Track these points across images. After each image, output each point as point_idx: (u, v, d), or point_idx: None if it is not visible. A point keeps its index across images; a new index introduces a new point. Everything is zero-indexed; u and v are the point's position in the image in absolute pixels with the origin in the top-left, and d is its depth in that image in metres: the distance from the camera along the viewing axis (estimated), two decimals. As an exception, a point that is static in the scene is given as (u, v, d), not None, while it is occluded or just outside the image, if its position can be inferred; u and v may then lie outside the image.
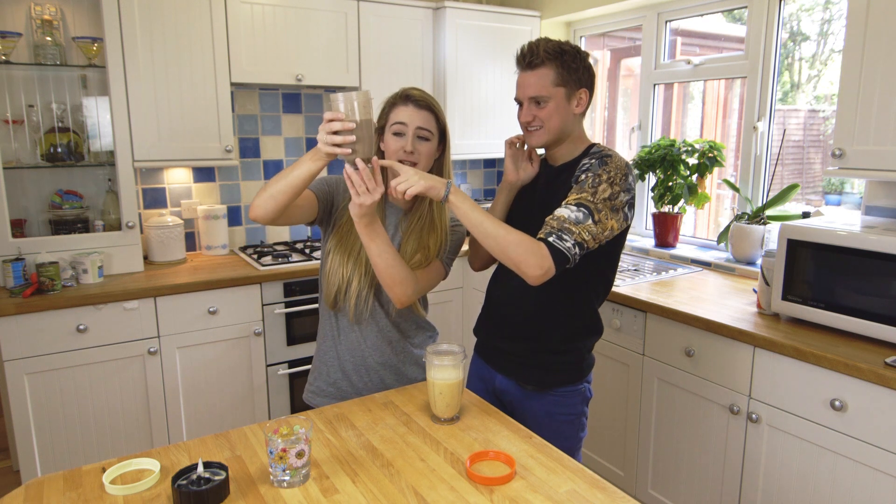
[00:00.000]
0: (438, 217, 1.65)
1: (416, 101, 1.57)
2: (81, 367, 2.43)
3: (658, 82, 3.16)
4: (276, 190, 1.42)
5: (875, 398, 1.68)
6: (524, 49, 1.57)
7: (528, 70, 1.56)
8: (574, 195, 1.49)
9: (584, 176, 1.51)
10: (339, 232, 1.63)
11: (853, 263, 1.86)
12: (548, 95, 1.54)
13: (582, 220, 1.44)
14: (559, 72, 1.54)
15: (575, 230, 1.43)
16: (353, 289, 1.61)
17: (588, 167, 1.53)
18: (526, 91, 1.57)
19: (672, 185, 2.93)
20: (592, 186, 1.48)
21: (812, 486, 1.86)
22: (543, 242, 1.43)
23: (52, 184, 2.75)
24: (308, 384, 1.76)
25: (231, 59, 2.80)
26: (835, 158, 1.99)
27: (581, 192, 1.48)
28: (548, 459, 1.28)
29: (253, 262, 2.89)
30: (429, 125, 1.57)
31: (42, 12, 2.59)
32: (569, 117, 1.58)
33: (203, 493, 1.11)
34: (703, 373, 2.13)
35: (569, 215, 1.45)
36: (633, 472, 2.46)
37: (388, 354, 1.68)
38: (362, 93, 1.35)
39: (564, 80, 1.54)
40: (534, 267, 1.41)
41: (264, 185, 1.44)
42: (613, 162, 1.52)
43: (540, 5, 3.52)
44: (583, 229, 1.44)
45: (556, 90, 1.55)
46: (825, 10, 2.63)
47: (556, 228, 1.44)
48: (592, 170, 1.51)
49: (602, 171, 1.50)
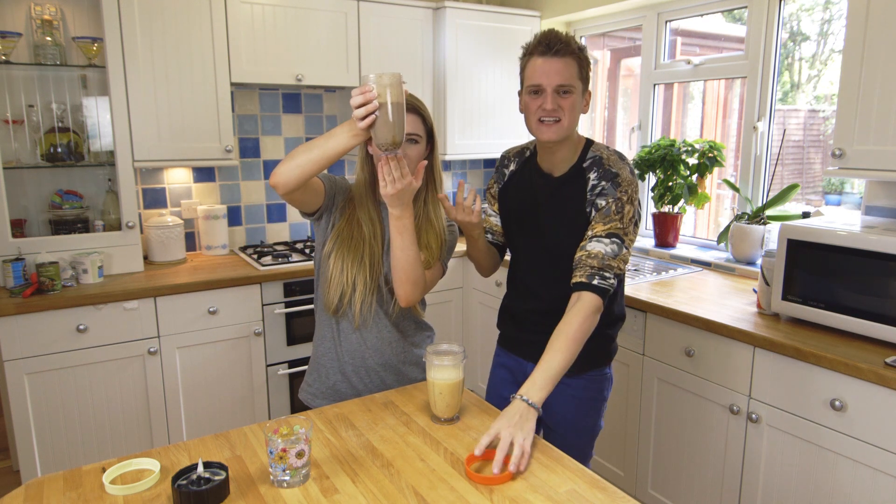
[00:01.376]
0: (435, 215, 1.65)
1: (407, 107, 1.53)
2: (81, 367, 2.43)
3: (658, 82, 3.16)
4: (306, 160, 1.35)
5: (875, 398, 1.68)
6: (546, 35, 1.52)
7: (555, 57, 1.49)
8: (602, 225, 1.51)
9: (604, 202, 1.52)
10: (338, 236, 1.61)
11: (853, 263, 1.86)
12: (573, 86, 1.51)
13: (617, 252, 1.49)
14: (580, 66, 1.52)
15: (614, 264, 1.49)
16: (357, 294, 1.60)
17: (604, 191, 1.53)
18: (552, 78, 1.49)
19: (672, 185, 2.94)
20: (618, 212, 1.51)
21: (812, 486, 1.86)
22: (587, 287, 1.47)
23: (52, 184, 2.75)
24: (307, 384, 1.75)
25: (231, 59, 2.80)
26: (835, 158, 1.99)
27: (610, 221, 1.51)
28: (548, 459, 1.28)
29: (253, 262, 2.89)
30: (416, 129, 1.53)
31: (42, 12, 2.59)
32: (578, 115, 1.56)
33: (203, 493, 1.11)
34: (703, 373, 2.13)
35: (605, 251, 1.49)
36: (633, 472, 2.46)
37: (388, 355, 1.68)
38: (392, 74, 1.27)
39: (583, 77, 1.53)
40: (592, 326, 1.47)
41: (291, 154, 1.37)
42: (624, 179, 1.53)
43: (540, 5, 3.52)
44: (619, 261, 1.50)
45: (578, 84, 1.52)
46: (825, 10, 2.63)
47: (596, 268, 1.48)
48: (610, 194, 1.52)
49: (621, 194, 1.52)
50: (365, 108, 1.26)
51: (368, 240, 1.60)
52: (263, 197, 3.33)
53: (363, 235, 1.60)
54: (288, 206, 3.41)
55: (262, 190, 3.32)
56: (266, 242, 3.35)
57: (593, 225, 1.52)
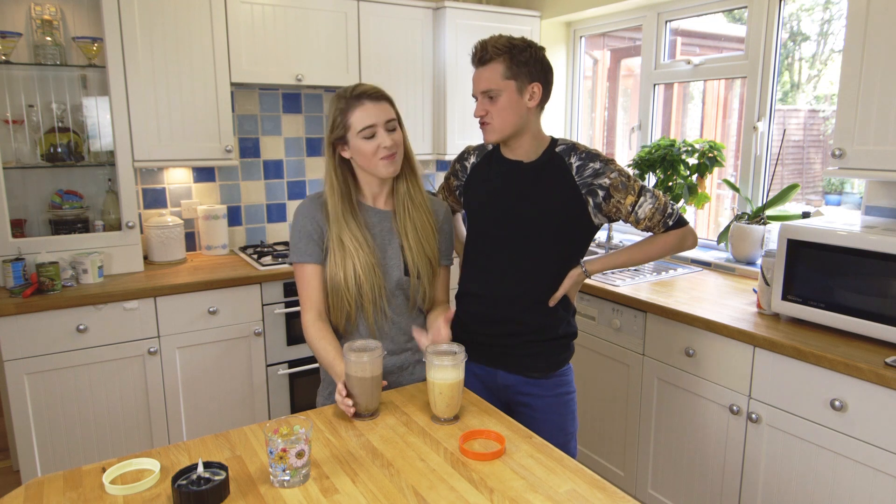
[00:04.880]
0: (427, 215, 1.65)
1: (372, 96, 1.53)
2: (81, 367, 2.43)
3: (658, 82, 3.16)
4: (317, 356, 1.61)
5: (875, 398, 1.68)
6: (476, 47, 1.61)
7: (480, 66, 1.60)
8: (630, 195, 1.63)
9: (608, 180, 1.61)
10: (332, 258, 1.58)
11: (853, 263, 1.86)
12: (499, 89, 1.58)
13: (656, 198, 1.65)
14: (508, 65, 1.57)
15: (662, 203, 1.66)
16: (366, 305, 1.60)
17: (598, 171, 1.62)
18: (478, 86, 1.61)
19: (672, 185, 2.93)
20: (628, 179, 1.63)
21: (812, 486, 1.86)
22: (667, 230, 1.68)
23: (52, 184, 2.75)
24: (322, 392, 1.74)
25: (231, 59, 2.80)
26: (835, 158, 1.99)
27: (631, 191, 1.63)
28: (548, 459, 1.28)
29: (253, 262, 2.89)
30: (391, 114, 1.56)
31: (42, 12, 2.59)
32: (522, 111, 1.60)
33: (203, 493, 1.11)
34: (703, 373, 2.13)
35: (651, 205, 1.64)
36: (633, 472, 2.46)
37: (394, 357, 1.68)
38: (372, 354, 1.41)
39: (514, 74, 1.57)
40: (688, 245, 1.72)
41: (312, 344, 1.62)
42: (605, 158, 1.64)
43: (540, 5, 3.52)
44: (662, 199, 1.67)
45: (507, 83, 1.58)
46: (825, 10, 2.63)
47: (662, 218, 1.66)
48: (607, 171, 1.61)
49: (615, 168, 1.63)
50: (343, 405, 1.41)
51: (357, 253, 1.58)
52: (263, 197, 3.33)
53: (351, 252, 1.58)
54: (288, 206, 3.41)
55: (261, 190, 3.32)
56: (266, 242, 3.35)
57: (623, 202, 1.63)
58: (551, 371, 1.71)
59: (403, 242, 1.62)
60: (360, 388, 1.42)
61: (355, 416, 1.44)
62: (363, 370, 1.40)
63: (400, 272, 1.62)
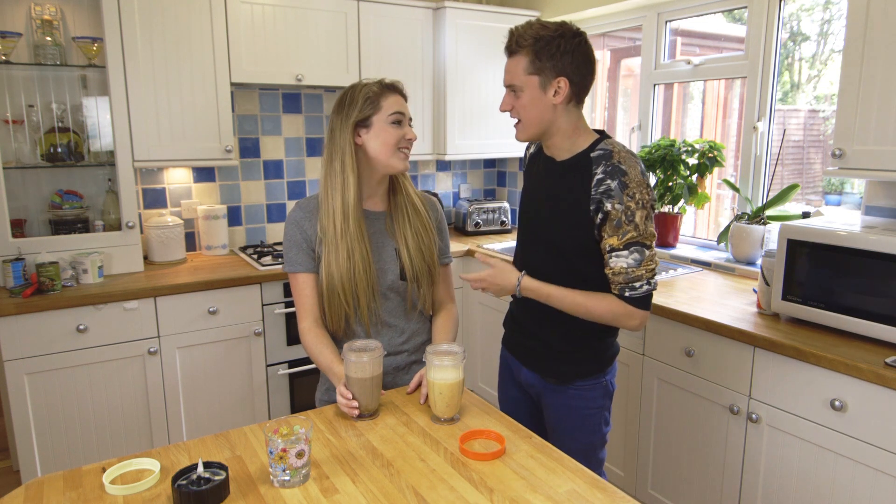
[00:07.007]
0: (424, 218, 1.66)
1: (401, 92, 1.60)
2: (81, 367, 2.43)
3: (658, 82, 3.16)
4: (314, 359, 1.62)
5: (875, 398, 1.68)
6: (508, 33, 1.53)
7: (508, 56, 1.52)
8: (616, 238, 1.46)
9: (610, 207, 1.45)
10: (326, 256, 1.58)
11: (853, 263, 1.86)
12: (520, 84, 1.49)
13: (641, 259, 1.47)
14: (532, 59, 1.46)
15: (639, 272, 1.47)
16: (362, 306, 1.60)
17: (610, 192, 1.45)
18: (505, 78, 1.54)
19: (672, 185, 2.94)
20: (630, 220, 1.45)
21: (812, 486, 1.86)
22: (621, 299, 1.49)
23: (52, 184, 2.75)
24: (320, 388, 1.75)
25: (231, 60, 2.80)
26: (835, 158, 1.99)
27: (625, 233, 1.45)
28: (548, 459, 1.28)
29: (253, 262, 2.89)
30: (410, 113, 1.62)
31: (42, 12, 2.59)
32: (546, 108, 1.49)
33: (203, 493, 1.11)
34: (703, 373, 2.13)
35: (626, 264, 1.47)
36: (633, 472, 2.46)
37: (390, 358, 1.68)
38: (372, 354, 1.42)
39: (538, 69, 1.47)
40: (628, 325, 1.52)
41: (308, 349, 1.61)
42: (632, 179, 1.45)
43: (540, 5, 3.52)
44: (645, 265, 1.47)
45: (529, 79, 1.48)
46: (825, 10, 2.63)
47: (623, 283, 1.48)
48: (617, 197, 1.44)
49: (628, 199, 1.44)
50: (347, 407, 1.43)
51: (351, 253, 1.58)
52: (263, 197, 3.33)
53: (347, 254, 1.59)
54: (288, 206, 3.41)
55: (261, 190, 3.32)
56: (266, 242, 3.34)
57: (607, 238, 1.47)
58: (569, 381, 1.65)
59: (402, 249, 1.63)
60: (360, 388, 1.42)
61: (362, 416, 1.45)
62: (363, 370, 1.40)
63: (395, 276, 1.63)
